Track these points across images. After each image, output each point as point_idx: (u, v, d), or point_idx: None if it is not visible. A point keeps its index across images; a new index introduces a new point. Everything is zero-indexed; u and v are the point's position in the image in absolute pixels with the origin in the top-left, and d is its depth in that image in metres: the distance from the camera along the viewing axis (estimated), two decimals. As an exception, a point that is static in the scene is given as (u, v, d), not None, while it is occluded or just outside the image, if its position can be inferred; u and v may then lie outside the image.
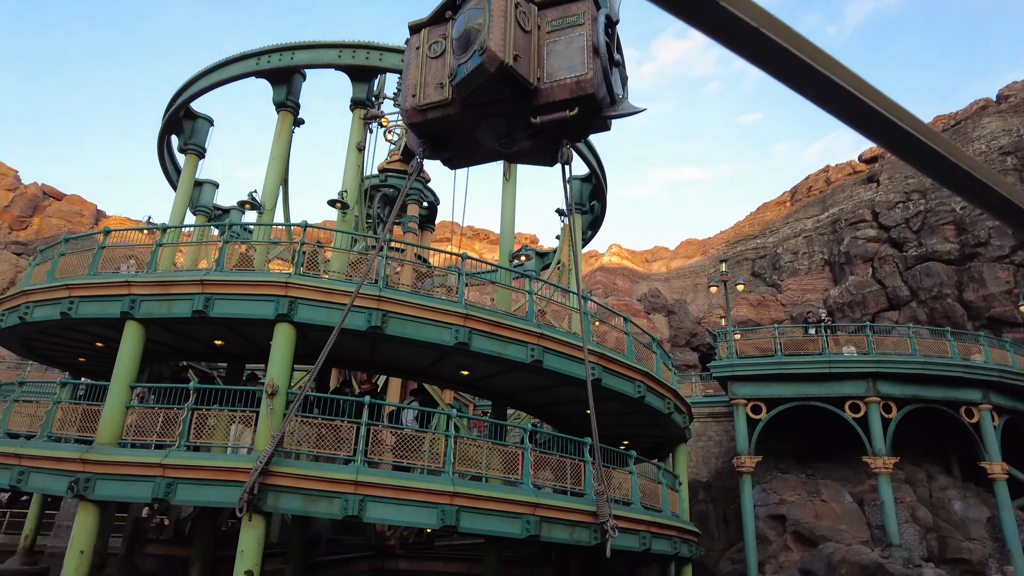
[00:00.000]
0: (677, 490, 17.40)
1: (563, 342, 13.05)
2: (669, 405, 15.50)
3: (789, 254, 41.14)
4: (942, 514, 21.53)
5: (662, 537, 14.01)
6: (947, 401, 21.29)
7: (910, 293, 33.25)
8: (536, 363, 12.60)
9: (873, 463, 20.21)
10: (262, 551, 10.65)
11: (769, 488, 22.57)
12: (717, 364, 22.26)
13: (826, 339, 21.47)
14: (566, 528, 11.94)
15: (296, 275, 11.99)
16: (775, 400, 21.72)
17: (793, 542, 20.88)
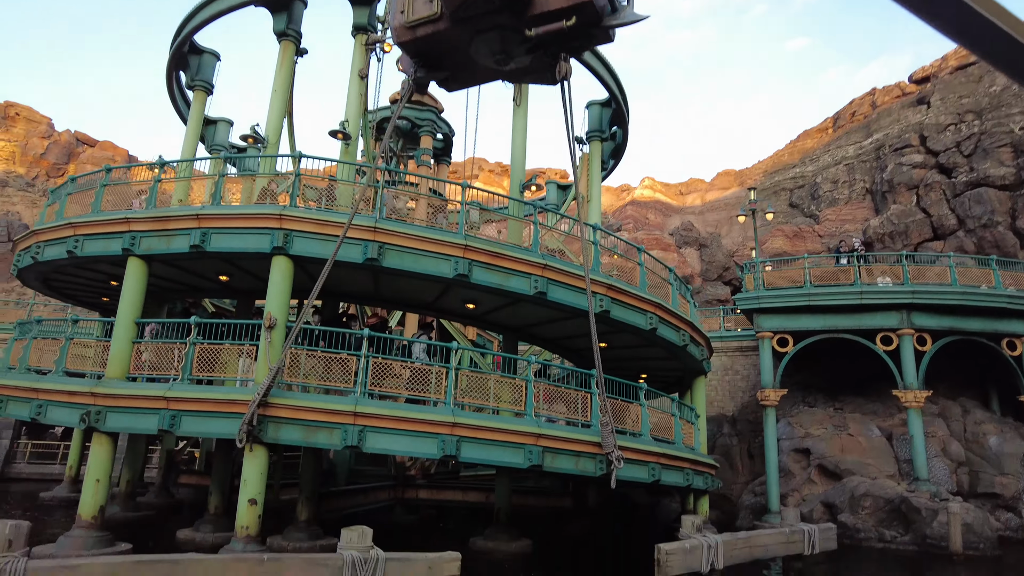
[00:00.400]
0: (693, 423, 17.14)
1: (568, 273, 12.61)
2: (684, 337, 15.05)
3: (828, 183, 39.23)
4: (976, 449, 20.86)
5: (673, 469, 13.81)
6: (988, 333, 20.25)
7: (957, 222, 31.46)
8: (540, 295, 12.24)
9: (904, 397, 19.53)
10: (265, 480, 10.84)
11: (795, 422, 22.16)
12: (743, 296, 21.55)
13: (859, 269, 20.46)
14: (571, 458, 11.82)
15: (291, 207, 11.76)
16: (802, 333, 21.00)
17: (817, 475, 20.58)
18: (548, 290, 12.31)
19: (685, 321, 15.06)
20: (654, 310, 14.04)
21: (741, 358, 27.36)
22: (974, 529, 16.90)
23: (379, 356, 11.33)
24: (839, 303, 20.17)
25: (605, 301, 13.04)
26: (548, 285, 12.31)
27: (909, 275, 20.10)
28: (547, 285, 12.29)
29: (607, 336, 15.19)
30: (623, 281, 13.85)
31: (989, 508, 19.95)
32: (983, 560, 15.82)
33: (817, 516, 19.35)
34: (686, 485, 14.16)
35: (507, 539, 14.05)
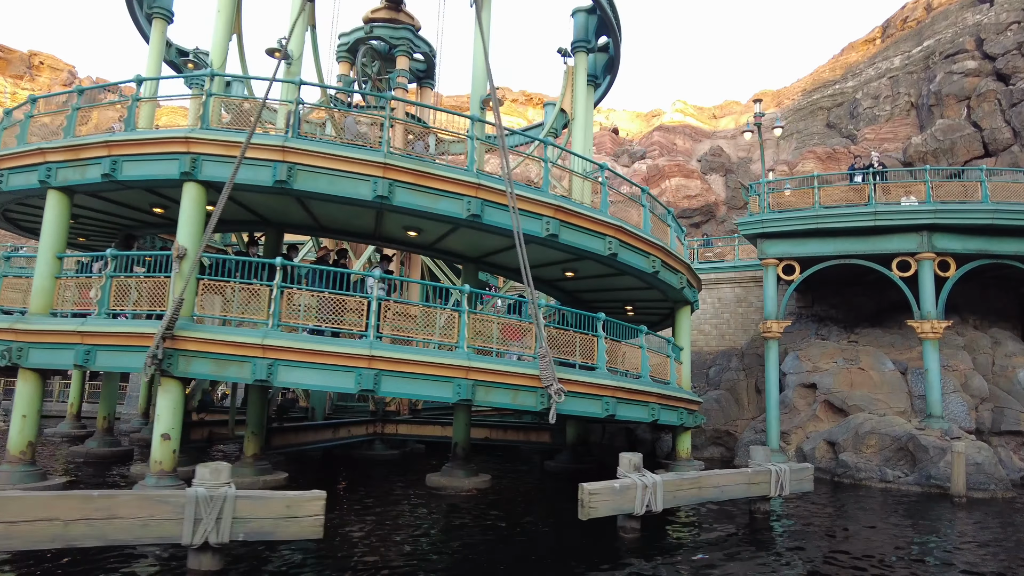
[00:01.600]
0: (671, 356, 16.09)
1: (506, 193, 11.47)
2: (655, 263, 13.81)
3: (869, 99, 35.80)
4: (1003, 383, 19.07)
5: (634, 403, 12.88)
6: (1019, 256, 18.12)
7: (1012, 135, 28.25)
8: (473, 217, 11.20)
9: (919, 327, 17.82)
10: (180, 414, 10.46)
11: (804, 355, 20.73)
12: (745, 220, 19.87)
13: (874, 187, 18.44)
14: (507, 392, 11.03)
15: (201, 129, 10.93)
16: (811, 259, 19.30)
17: (824, 411, 19.29)
18: (483, 212, 11.25)
19: (655, 246, 13.78)
20: (615, 234, 12.81)
21: (756, 289, 25.71)
22: (984, 469, 15.48)
23: (292, 287, 10.63)
24: (851, 225, 18.32)
25: (553, 224, 11.89)
26: (483, 207, 11.24)
27: (931, 191, 17.99)
28: (482, 207, 11.22)
29: (569, 264, 14.10)
30: (575, 202, 12.62)
31: (1014, 447, 18.38)
32: (986, 503, 14.48)
33: (820, 455, 18.22)
34: (651, 420, 13.22)
35: (463, 475, 13.54)
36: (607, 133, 47.32)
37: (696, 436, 22.31)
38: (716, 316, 26.26)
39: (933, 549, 10.11)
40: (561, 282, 16.09)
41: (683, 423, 14.69)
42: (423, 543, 9.28)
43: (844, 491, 15.89)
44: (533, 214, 11.78)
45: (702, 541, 10.17)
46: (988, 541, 10.68)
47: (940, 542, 10.61)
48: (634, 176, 37.12)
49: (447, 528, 10.34)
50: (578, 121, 18.44)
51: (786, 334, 23.14)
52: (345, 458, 18.36)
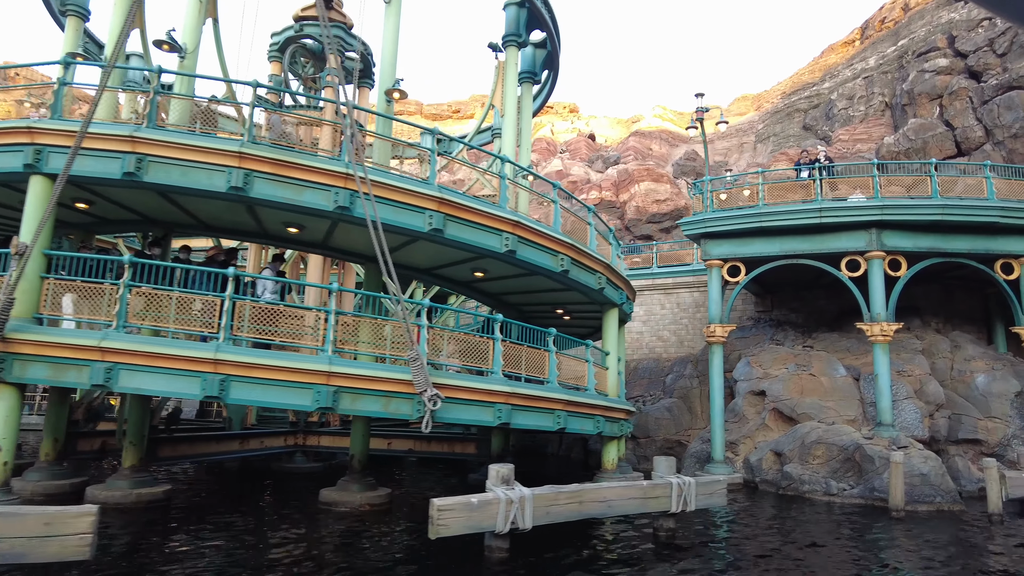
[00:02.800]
0: (589, 361, 15.21)
1: (385, 185, 10.67)
2: (563, 262, 12.93)
3: (844, 100, 34.91)
4: (961, 389, 18.02)
5: (536, 411, 11.98)
6: (978, 254, 17.16)
7: (984, 133, 27.29)
8: (341, 209, 10.39)
9: (869, 330, 16.84)
10: (14, 423, 9.65)
11: (755, 361, 19.75)
12: (688, 220, 18.99)
13: (820, 183, 17.54)
14: (377, 400, 10.17)
15: (50, 120, 10.21)
16: (756, 260, 18.39)
17: (773, 420, 18.29)
18: (353, 205, 10.43)
19: (564, 244, 12.91)
20: (513, 230, 11.95)
21: (714, 293, 24.73)
22: (930, 480, 14.45)
23: (144, 286, 9.83)
24: (796, 223, 17.42)
25: (437, 218, 11.06)
26: (353, 199, 10.43)
27: (880, 187, 17.08)
28: (351, 199, 10.41)
29: (472, 263, 13.25)
30: (466, 196, 11.81)
31: (972, 456, 17.32)
32: (928, 517, 13.44)
33: (767, 466, 17.22)
34: (556, 429, 12.31)
35: (358, 490, 12.65)
36: (583, 139, 46.63)
37: (647, 446, 21.36)
38: (675, 322, 25.33)
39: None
40: (478, 284, 15.24)
41: (601, 431, 13.75)
42: (225, 565, 8.39)
43: (785, 505, 14.89)
44: (416, 208, 10.97)
45: (577, 564, 9.23)
46: (917, 566, 9.68)
47: (848, 562, 9.63)
48: (604, 181, 36.37)
49: (290, 547, 9.44)
50: (508, 117, 17.64)
51: (742, 339, 22.22)
52: (263, 471, 17.51)
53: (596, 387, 14.85)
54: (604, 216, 36.57)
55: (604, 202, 35.39)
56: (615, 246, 16.64)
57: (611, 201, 35.66)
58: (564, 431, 12.64)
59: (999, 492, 13.30)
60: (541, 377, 12.55)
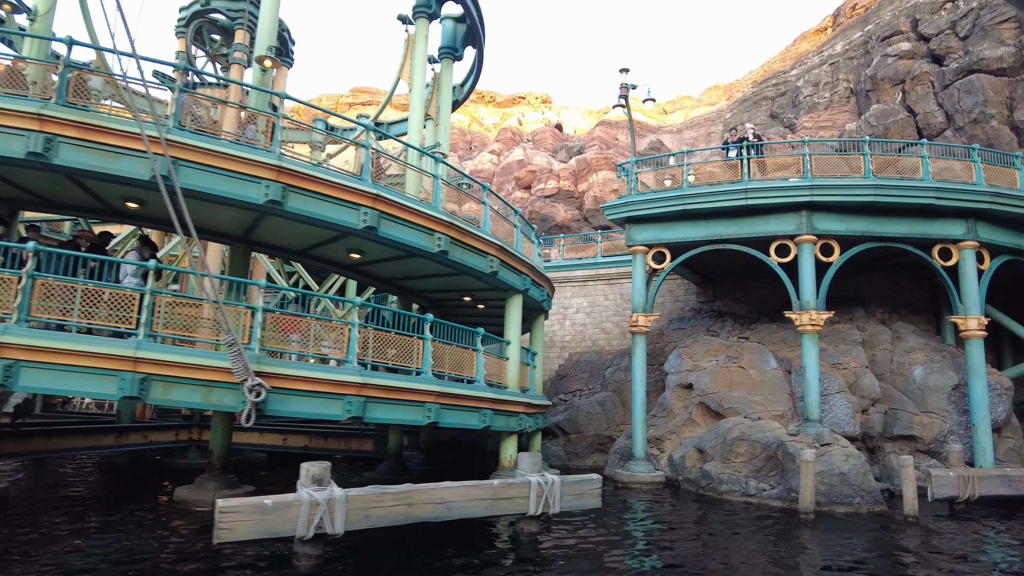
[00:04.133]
0: (508, 358, 14.21)
1: (212, 152, 9.58)
2: (440, 241, 11.84)
3: (810, 87, 33.83)
4: (899, 382, 16.96)
5: (404, 404, 10.91)
6: (915, 239, 16.10)
7: (945, 119, 26.25)
8: (157, 179, 9.27)
9: (798, 319, 15.77)
10: None
11: (686, 353, 18.68)
12: (611, 204, 17.90)
13: (748, 163, 16.46)
14: (196, 389, 9.08)
15: None
16: (682, 245, 17.31)
17: (699, 415, 17.23)
18: (177, 174, 9.32)
19: (439, 222, 11.81)
20: (373, 204, 10.85)
21: (658, 284, 23.67)
22: (850, 480, 13.40)
23: None
24: (722, 206, 16.33)
25: (274, 188, 9.95)
26: (179, 168, 9.32)
27: (810, 166, 15.99)
28: (173, 168, 9.29)
29: (340, 241, 12.12)
30: (319, 167, 10.72)
31: (908, 454, 16.25)
32: (843, 520, 12.40)
33: (690, 464, 16.17)
34: (427, 423, 11.24)
35: (215, 488, 11.59)
36: (550, 129, 45.53)
37: (578, 443, 20.32)
38: (619, 313, 24.25)
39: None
40: (368, 268, 14.12)
41: (489, 426, 12.67)
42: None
43: (696, 507, 13.83)
44: (252, 177, 9.88)
45: (398, 574, 8.15)
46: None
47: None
48: (563, 171, 35.31)
49: (95, 549, 8.35)
50: (415, 94, 16.52)
51: (680, 331, 21.17)
52: (154, 467, 16.47)
53: (494, 380, 13.80)
54: (562, 206, 35.46)
55: (562, 192, 34.33)
56: (521, 227, 15.58)
57: (570, 191, 34.59)
58: (437, 425, 11.55)
59: (915, 492, 12.26)
60: (413, 368, 11.48)
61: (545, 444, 20.81)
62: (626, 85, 18.60)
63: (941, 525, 12.21)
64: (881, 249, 16.70)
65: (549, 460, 20.24)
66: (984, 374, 15.49)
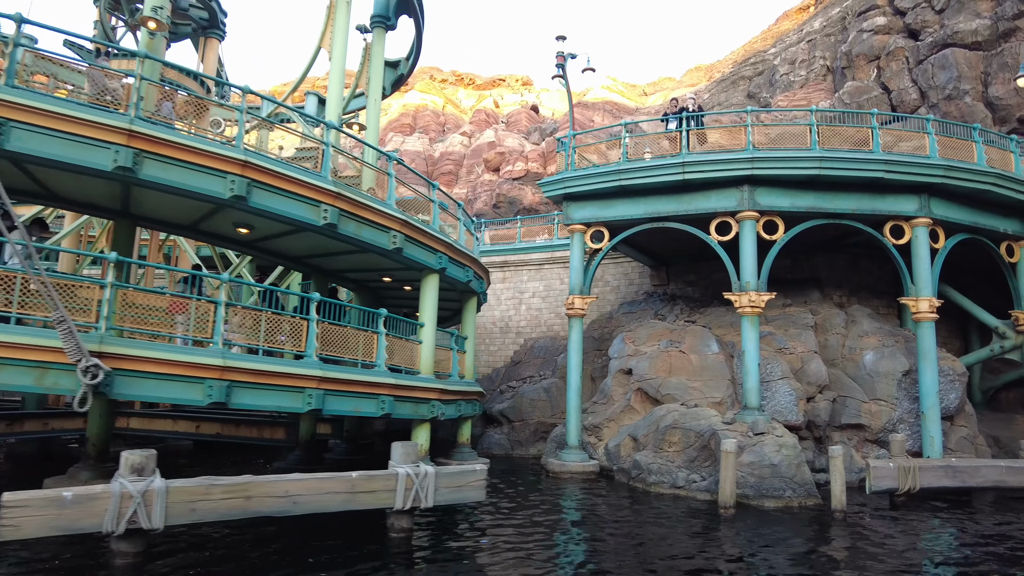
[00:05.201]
0: (422, 341, 13.37)
1: (45, 112, 8.68)
2: (327, 213, 10.95)
3: (786, 65, 32.68)
4: (850, 368, 16.07)
5: (277, 390, 10.08)
6: (865, 215, 15.15)
7: (919, 95, 25.17)
8: None
9: (738, 301, 14.87)
10: None
11: (630, 337, 17.79)
12: (548, 180, 16.97)
13: (687, 135, 15.50)
14: (27, 371, 8.19)
15: None
16: (620, 224, 16.40)
17: (638, 401, 16.38)
18: (9, 136, 8.43)
19: (323, 191, 10.90)
20: (242, 172, 9.96)
21: (612, 267, 22.81)
22: (781, 472, 12.55)
23: None
24: (660, 181, 15.39)
25: (124, 153, 9.06)
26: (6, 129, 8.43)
27: (752, 137, 15.04)
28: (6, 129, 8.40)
29: (220, 215, 11.24)
30: (168, 127, 9.83)
31: (856, 443, 15.44)
32: (764, 513, 11.56)
33: (624, 452, 15.35)
34: (308, 410, 10.40)
35: (88, 479, 10.74)
36: (525, 111, 44.49)
37: (522, 430, 19.54)
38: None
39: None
40: (263, 243, 13.20)
41: (388, 413, 11.82)
42: None
43: (619, 500, 13.03)
44: (100, 142, 8.99)
45: (224, 568, 7.33)
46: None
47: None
48: (532, 152, 34.34)
49: None
50: (336, 63, 15.55)
51: (630, 315, 20.32)
52: (62, 455, 15.73)
53: (406, 365, 12.96)
54: (530, 189, 34.51)
55: (531, 174, 33.40)
56: (439, 203, 14.70)
57: (538, 173, 33.66)
58: (321, 413, 10.71)
59: (843, 485, 11.41)
60: (296, 350, 10.63)
61: (489, 432, 20.04)
62: (562, 54, 17.58)
63: (870, 521, 11.37)
64: (837, 228, 15.77)
65: (491, 449, 19.49)
66: (935, 359, 14.58)
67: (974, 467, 13.30)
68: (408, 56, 21.02)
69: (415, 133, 43.10)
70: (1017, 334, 16.57)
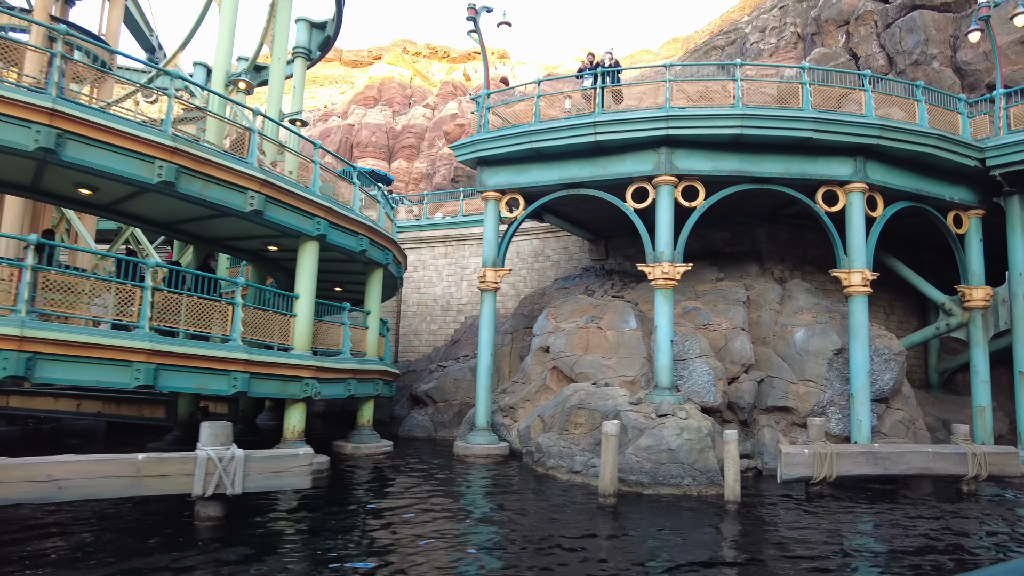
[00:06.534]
0: (294, 315, 12.31)
1: None
2: (255, 200, 9.82)
3: (757, 32, 31.15)
4: (780, 346, 14.94)
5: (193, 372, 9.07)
6: (794, 180, 13.93)
7: (886, 61, 23.75)
8: None
9: (651, 273, 13.72)
10: None
11: (553, 313, 16.70)
12: (459, 143, 15.78)
13: (602, 92, 14.27)
14: None
15: None
16: (535, 191, 15.24)
17: (554, 380, 15.32)
18: None
19: (250, 177, 9.85)
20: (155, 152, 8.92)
21: (554, 241, 21.68)
22: (679, 457, 11.50)
23: None
24: (574, 143, 14.20)
25: None
26: None
27: (670, 94, 13.81)
28: None
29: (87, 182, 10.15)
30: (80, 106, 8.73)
31: (784, 427, 14.37)
32: (659, 503, 10.53)
33: (535, 434, 14.32)
34: (136, 385, 9.36)
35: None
36: (494, 83, 43.02)
37: (445, 412, 18.55)
38: (514, 273, 22.27)
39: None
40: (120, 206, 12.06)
41: (243, 391, 10.78)
42: None
43: (516, 484, 12.02)
44: None
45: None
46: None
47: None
48: (493, 124, 33.05)
49: None
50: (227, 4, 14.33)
51: (563, 290, 19.20)
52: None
53: (280, 342, 11.91)
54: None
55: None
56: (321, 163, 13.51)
57: (499, 147, 32.42)
58: (154, 388, 9.67)
59: (737, 474, 10.32)
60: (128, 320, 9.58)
61: (413, 414, 19.06)
62: (473, 6, 16.27)
63: (767, 511, 10.32)
64: (775, 197, 14.69)
65: (413, 431, 18.53)
66: (866, 336, 13.43)
67: (898, 453, 12.21)
68: (335, 16, 19.77)
69: (378, 105, 41.63)
70: (963, 311, 15.39)
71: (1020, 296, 14.51)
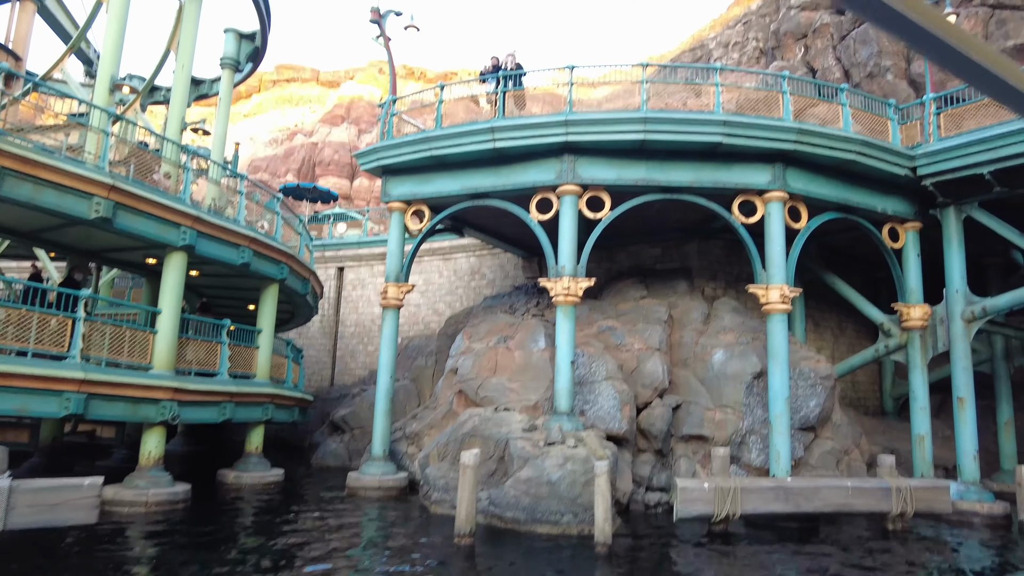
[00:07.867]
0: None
1: None
2: (100, 207, 8.97)
3: (720, 48, 30.50)
4: (700, 369, 13.84)
5: None
6: (706, 190, 12.97)
7: (843, 75, 22.95)
8: None
9: (552, 288, 12.72)
10: None
11: (468, 333, 15.69)
12: (362, 152, 14.96)
13: (502, 97, 13.44)
14: None
15: None
16: (440, 202, 14.34)
17: (460, 405, 14.25)
18: None
19: (94, 183, 9.01)
20: None
21: (490, 258, 20.74)
22: (560, 493, 10.44)
23: None
24: (473, 151, 13.32)
25: None
26: None
27: (573, 98, 12.96)
28: None
29: None
30: None
31: (702, 457, 13.19)
32: (509, 542, 9.42)
33: (433, 464, 13.19)
34: None
35: None
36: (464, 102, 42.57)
37: (361, 439, 17.47)
38: (451, 292, 21.30)
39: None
40: None
41: (77, 413, 9.78)
42: None
43: (396, 521, 10.93)
44: None
45: None
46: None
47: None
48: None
49: None
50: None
51: (488, 309, 18.18)
52: None
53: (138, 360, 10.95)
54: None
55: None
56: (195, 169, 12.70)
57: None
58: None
59: (607, 513, 9.20)
60: None
61: (327, 442, 17.96)
62: (377, 9, 15.50)
63: (647, 556, 9.19)
64: (702, 211, 13.60)
65: (326, 460, 17.44)
66: (785, 358, 12.32)
67: (812, 488, 11.05)
68: (260, 27, 19.15)
69: (344, 124, 41.16)
70: (902, 331, 14.27)
71: (957, 315, 13.41)
